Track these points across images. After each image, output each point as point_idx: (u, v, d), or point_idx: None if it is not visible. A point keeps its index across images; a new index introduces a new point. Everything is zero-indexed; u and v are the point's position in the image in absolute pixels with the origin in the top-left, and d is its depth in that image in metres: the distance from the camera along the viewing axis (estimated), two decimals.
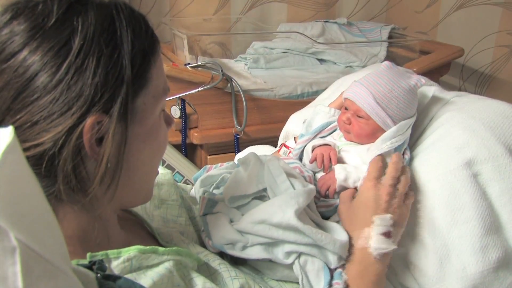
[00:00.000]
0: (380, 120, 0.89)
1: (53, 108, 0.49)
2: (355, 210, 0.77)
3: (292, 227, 0.68)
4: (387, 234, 0.73)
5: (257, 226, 0.70)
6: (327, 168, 0.88)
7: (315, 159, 0.88)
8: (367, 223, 0.74)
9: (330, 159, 0.88)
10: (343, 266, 0.74)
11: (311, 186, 0.75)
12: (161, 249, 0.58)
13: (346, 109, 0.93)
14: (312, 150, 0.91)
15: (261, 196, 0.77)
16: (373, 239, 0.72)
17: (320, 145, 0.91)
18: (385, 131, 0.90)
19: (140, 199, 0.65)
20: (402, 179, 0.80)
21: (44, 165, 0.50)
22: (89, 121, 0.50)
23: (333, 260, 0.72)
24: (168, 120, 0.64)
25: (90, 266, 0.50)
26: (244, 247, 0.72)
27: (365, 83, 0.91)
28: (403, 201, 0.78)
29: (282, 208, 0.69)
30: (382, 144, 0.87)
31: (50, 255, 0.35)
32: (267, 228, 0.69)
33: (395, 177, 0.79)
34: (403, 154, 0.90)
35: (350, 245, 0.74)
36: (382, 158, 0.84)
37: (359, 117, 0.90)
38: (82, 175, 0.52)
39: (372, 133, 0.90)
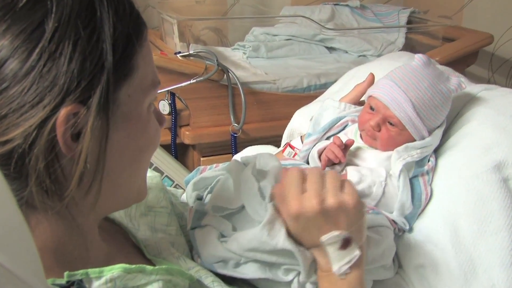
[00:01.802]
0: (416, 132, 0.88)
1: (23, 99, 0.49)
2: (299, 234, 0.68)
3: (288, 252, 0.69)
4: (345, 244, 0.66)
5: (247, 252, 0.71)
6: (342, 157, 0.87)
7: (327, 160, 0.88)
8: (316, 243, 0.66)
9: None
10: None
11: None
12: (149, 268, 0.58)
13: (371, 108, 0.91)
14: (319, 156, 0.91)
15: None
16: (331, 259, 0.66)
17: (325, 147, 0.91)
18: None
19: (132, 199, 0.65)
20: (327, 174, 0.68)
21: (13, 164, 0.50)
22: (63, 112, 0.50)
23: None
24: (159, 118, 0.64)
25: (67, 287, 0.50)
26: (237, 264, 0.72)
27: (402, 86, 0.87)
28: (340, 193, 0.66)
29: (272, 235, 0.68)
30: (411, 151, 0.87)
31: (22, 273, 0.35)
32: (259, 254, 0.70)
33: (316, 178, 0.67)
34: (428, 160, 0.90)
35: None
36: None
37: (390, 123, 0.89)
38: (57, 175, 0.52)
39: (402, 143, 0.89)
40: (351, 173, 0.85)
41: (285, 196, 0.66)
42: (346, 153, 0.88)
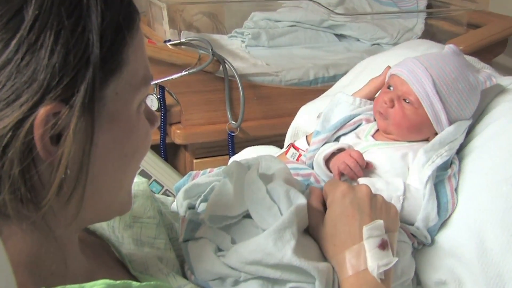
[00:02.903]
0: (432, 113, 0.90)
1: None
2: (333, 226, 0.75)
3: (295, 268, 0.70)
4: (383, 245, 0.72)
5: (248, 266, 0.71)
6: (360, 174, 0.88)
7: (341, 174, 0.88)
8: (354, 238, 0.73)
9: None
10: None
11: (298, 203, 0.74)
12: (135, 284, 0.58)
13: (389, 88, 0.94)
14: (325, 162, 0.91)
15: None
16: (369, 256, 0.71)
17: (333, 153, 0.91)
18: (434, 129, 0.91)
19: (115, 211, 0.65)
20: None
21: None
22: (42, 111, 0.50)
23: None
24: (151, 117, 0.64)
25: None
26: (236, 282, 0.72)
27: (425, 63, 0.91)
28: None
29: (278, 246, 0.69)
30: (440, 149, 0.87)
31: None
32: (261, 269, 0.70)
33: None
34: (450, 163, 0.90)
35: (335, 273, 0.73)
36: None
37: (406, 101, 0.91)
38: (33, 182, 0.52)
39: (417, 127, 0.91)
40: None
41: (336, 181, 0.79)
42: (360, 173, 0.89)
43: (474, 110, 0.94)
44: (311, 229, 0.77)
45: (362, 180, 0.87)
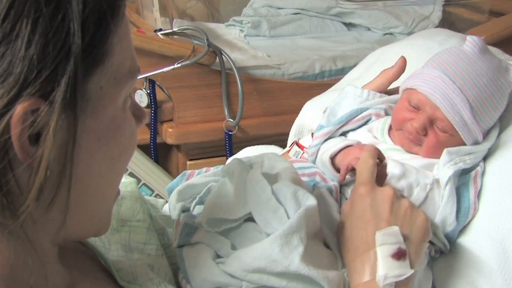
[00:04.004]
0: (469, 138, 0.89)
1: None
2: (349, 230, 0.77)
3: (302, 277, 0.70)
4: (399, 254, 0.72)
5: (251, 274, 0.71)
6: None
7: (348, 169, 0.87)
8: (368, 244, 0.74)
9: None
10: None
11: (308, 205, 0.74)
12: None
13: (411, 105, 0.90)
14: (331, 161, 0.90)
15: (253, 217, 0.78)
16: (379, 265, 0.72)
17: (341, 150, 0.90)
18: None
19: (92, 228, 0.65)
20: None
21: None
22: (19, 108, 0.50)
23: None
24: (138, 113, 0.64)
25: None
26: None
27: (458, 81, 0.87)
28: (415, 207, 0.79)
29: (285, 252, 0.70)
30: (464, 156, 0.87)
31: None
32: (265, 277, 0.71)
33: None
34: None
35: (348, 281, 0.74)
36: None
37: (439, 127, 0.89)
38: (10, 187, 0.52)
39: None
40: (392, 164, 0.84)
41: (359, 180, 0.79)
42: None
43: None
44: (337, 233, 0.79)
45: (390, 161, 0.86)
